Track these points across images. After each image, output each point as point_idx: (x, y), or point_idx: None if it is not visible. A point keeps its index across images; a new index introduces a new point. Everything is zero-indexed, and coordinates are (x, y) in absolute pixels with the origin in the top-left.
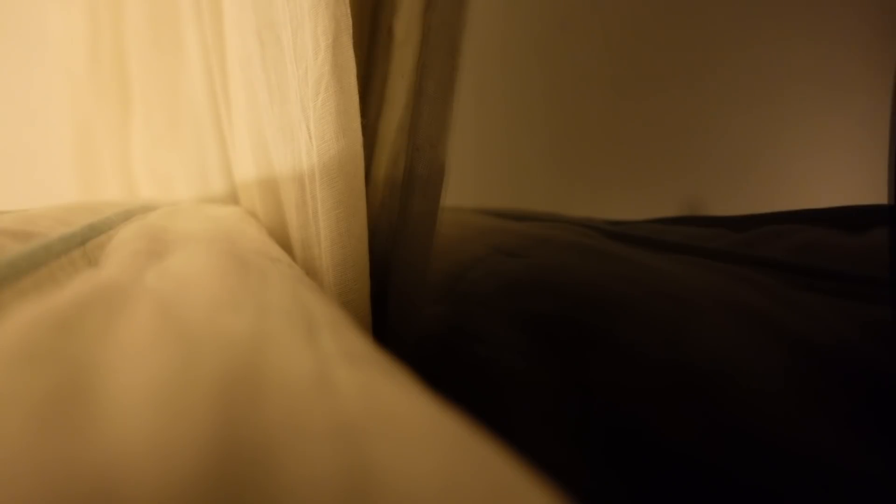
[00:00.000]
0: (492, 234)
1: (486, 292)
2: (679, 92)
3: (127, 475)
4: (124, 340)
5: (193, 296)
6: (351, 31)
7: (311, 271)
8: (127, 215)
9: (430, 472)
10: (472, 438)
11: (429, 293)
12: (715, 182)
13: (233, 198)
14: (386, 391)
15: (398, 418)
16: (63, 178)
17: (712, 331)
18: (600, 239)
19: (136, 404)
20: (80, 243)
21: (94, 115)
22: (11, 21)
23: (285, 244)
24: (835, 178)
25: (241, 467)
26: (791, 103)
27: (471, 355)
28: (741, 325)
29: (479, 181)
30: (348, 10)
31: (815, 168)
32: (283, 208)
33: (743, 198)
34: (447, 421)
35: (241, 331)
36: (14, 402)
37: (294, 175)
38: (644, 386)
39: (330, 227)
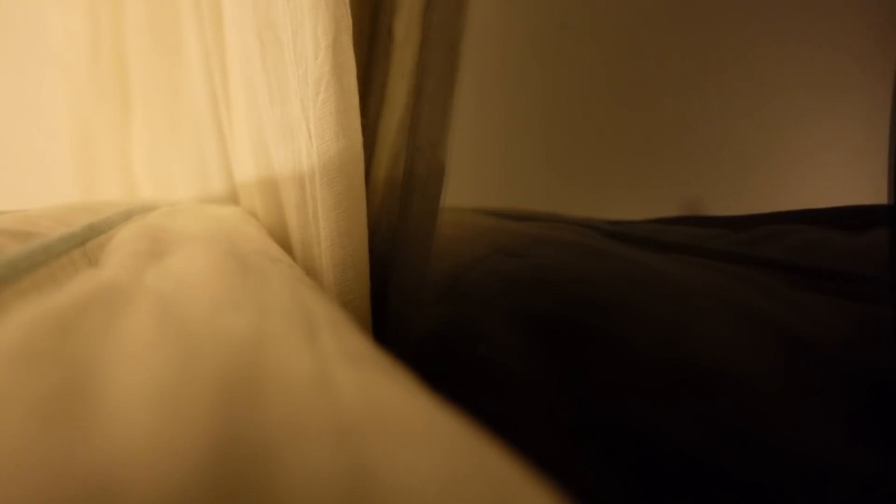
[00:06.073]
0: (492, 234)
1: (486, 292)
2: (679, 92)
3: (127, 475)
4: (124, 340)
5: (193, 296)
6: (351, 31)
7: (311, 271)
8: (127, 215)
9: (430, 472)
10: (472, 438)
11: (429, 293)
12: (715, 182)
13: (233, 198)
14: (386, 391)
15: (398, 418)
16: (63, 178)
17: (712, 331)
18: (600, 239)
19: (136, 404)
20: (80, 243)
21: (94, 115)
22: (11, 21)
23: (285, 244)
24: (835, 178)
25: (241, 467)
26: (791, 103)
27: (471, 355)
28: (741, 325)
29: (479, 181)
30: (348, 11)
31: (815, 168)
32: (283, 208)
33: (743, 198)
34: (447, 421)
35: (241, 331)
36: (14, 402)
37: (294, 175)
38: (643, 385)
39: (330, 227)
